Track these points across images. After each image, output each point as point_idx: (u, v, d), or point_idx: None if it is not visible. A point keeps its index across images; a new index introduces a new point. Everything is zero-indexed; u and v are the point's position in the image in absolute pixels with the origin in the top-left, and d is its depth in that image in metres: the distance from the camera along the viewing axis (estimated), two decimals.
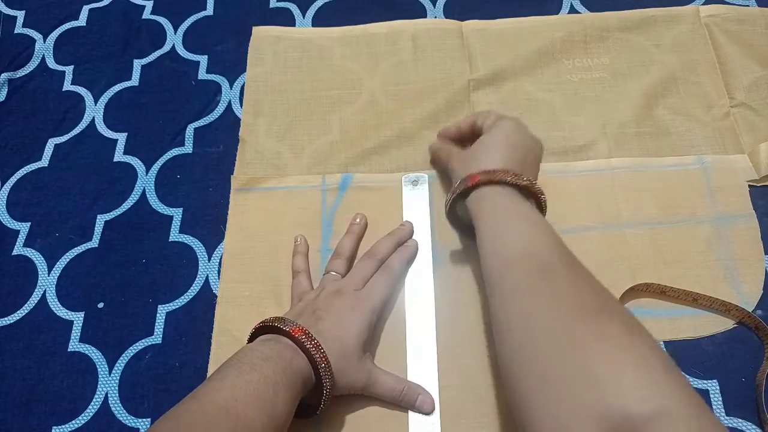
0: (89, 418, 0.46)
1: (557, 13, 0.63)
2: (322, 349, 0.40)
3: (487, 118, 0.48)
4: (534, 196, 0.43)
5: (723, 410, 0.43)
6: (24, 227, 0.55)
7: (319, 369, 0.40)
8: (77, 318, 0.50)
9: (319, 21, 0.64)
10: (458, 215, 0.48)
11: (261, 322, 0.42)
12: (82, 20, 0.67)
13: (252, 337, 0.42)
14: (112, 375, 0.48)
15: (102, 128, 0.60)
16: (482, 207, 0.42)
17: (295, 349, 0.40)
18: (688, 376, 0.45)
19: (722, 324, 0.46)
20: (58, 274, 0.52)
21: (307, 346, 0.39)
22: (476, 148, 0.46)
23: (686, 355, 0.45)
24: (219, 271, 0.51)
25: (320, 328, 0.42)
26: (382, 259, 0.48)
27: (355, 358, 0.42)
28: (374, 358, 0.46)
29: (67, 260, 0.53)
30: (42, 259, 0.53)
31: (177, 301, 0.50)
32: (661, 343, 0.46)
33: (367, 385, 0.43)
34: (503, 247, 0.39)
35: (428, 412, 0.44)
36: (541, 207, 0.44)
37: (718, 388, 0.44)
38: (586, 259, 0.48)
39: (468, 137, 0.50)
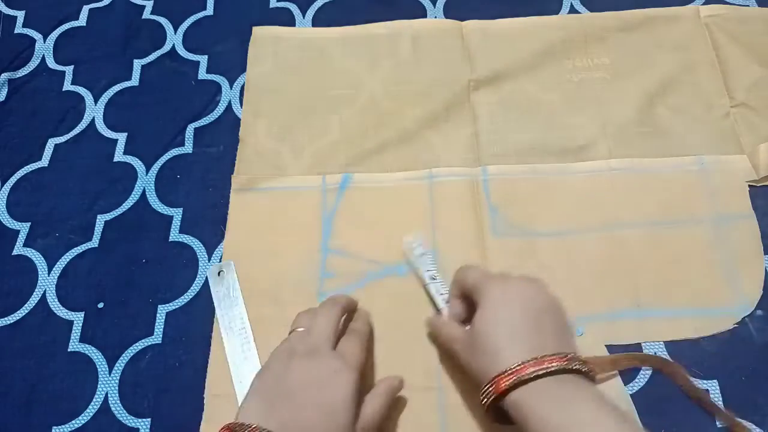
0: (89, 418, 0.46)
1: (557, 13, 0.63)
2: None
3: (472, 284, 0.38)
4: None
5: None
6: (24, 227, 0.55)
7: None
8: (77, 318, 0.50)
9: (319, 21, 0.64)
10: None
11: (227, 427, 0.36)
12: (82, 20, 0.67)
13: None
14: (112, 375, 0.48)
15: (102, 128, 0.60)
16: (529, 420, 0.33)
17: None
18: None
19: (722, 324, 0.46)
20: (58, 274, 0.52)
21: None
22: (479, 331, 0.37)
23: (686, 355, 0.45)
24: None
25: (297, 417, 0.36)
26: (344, 308, 0.43)
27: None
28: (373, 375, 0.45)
29: (67, 260, 0.53)
30: (42, 259, 0.53)
31: (177, 301, 0.50)
32: (661, 342, 0.46)
33: None
34: None
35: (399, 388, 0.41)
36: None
37: (718, 388, 0.44)
38: (586, 261, 0.49)
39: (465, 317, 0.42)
